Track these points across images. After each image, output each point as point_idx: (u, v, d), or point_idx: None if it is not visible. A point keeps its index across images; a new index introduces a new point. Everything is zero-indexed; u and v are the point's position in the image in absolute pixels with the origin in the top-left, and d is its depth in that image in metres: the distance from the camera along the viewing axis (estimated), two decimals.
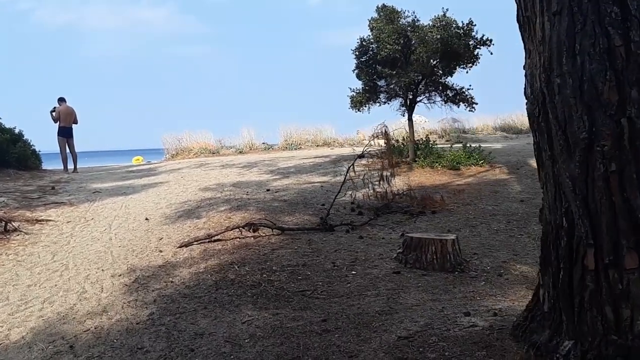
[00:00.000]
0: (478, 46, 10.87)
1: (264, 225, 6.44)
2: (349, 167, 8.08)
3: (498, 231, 6.38)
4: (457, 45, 10.58)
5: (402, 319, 3.60)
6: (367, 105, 11.61)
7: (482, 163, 11.04)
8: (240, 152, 19.14)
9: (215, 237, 6.21)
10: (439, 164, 11.12)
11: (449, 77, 11.75)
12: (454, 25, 11.10)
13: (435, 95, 11.72)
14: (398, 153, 12.19)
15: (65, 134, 13.36)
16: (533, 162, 11.74)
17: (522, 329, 2.81)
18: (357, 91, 11.69)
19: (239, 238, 6.30)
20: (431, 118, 31.19)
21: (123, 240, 6.62)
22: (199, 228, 6.90)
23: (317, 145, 20.32)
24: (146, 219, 7.65)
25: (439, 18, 11.20)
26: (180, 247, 6.04)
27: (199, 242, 6.12)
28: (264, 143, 21.13)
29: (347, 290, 4.39)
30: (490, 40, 10.79)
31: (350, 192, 9.17)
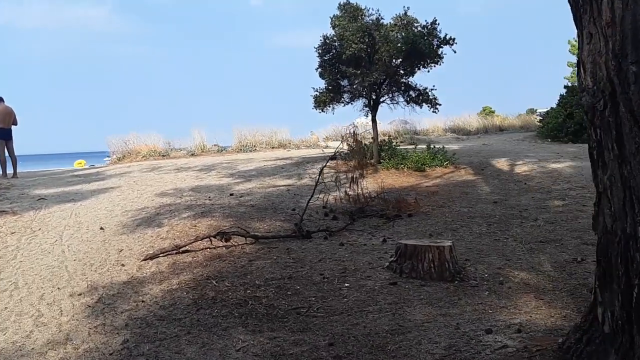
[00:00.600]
0: (441, 45, 10.70)
1: (237, 234, 5.92)
2: (320, 171, 7.66)
3: (481, 235, 6.12)
4: (421, 45, 10.36)
5: (419, 339, 3.21)
6: (331, 105, 11.22)
7: (447, 164, 10.88)
8: (192, 154, 18.36)
9: (184, 248, 5.63)
10: (404, 166, 10.88)
11: (411, 78, 11.55)
12: (415, 24, 10.92)
13: (398, 95, 11.47)
14: (362, 155, 11.87)
15: (4, 136, 12.25)
16: (496, 163, 11.76)
17: (576, 352, 2.46)
18: (321, 91, 11.29)
19: (210, 248, 5.76)
20: (382, 120, 31.32)
21: (78, 252, 5.93)
22: (163, 238, 6.30)
23: (272, 147, 19.79)
24: (101, 228, 6.96)
25: (400, 17, 10.99)
26: (144, 259, 5.44)
27: (165, 254, 5.54)
28: (215, 145, 20.41)
29: (345, 306, 3.96)
30: (454, 39, 10.66)
31: (320, 196, 8.77)
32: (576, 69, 2.36)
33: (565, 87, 22.07)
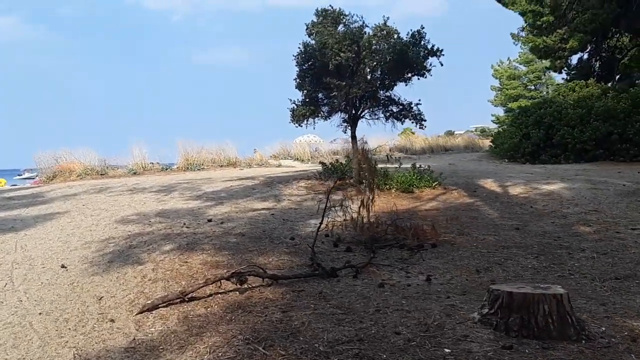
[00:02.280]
0: (428, 56, 10.02)
1: (253, 274, 4.74)
2: (327, 195, 6.62)
3: (538, 270, 5.30)
4: (410, 55, 9.64)
5: None
6: (310, 119, 10.22)
7: (435, 185, 10.15)
8: (134, 173, 16.68)
9: (190, 294, 4.39)
10: (389, 187, 10.04)
11: (389, 91, 10.79)
12: (394, 35, 10.21)
13: (379, 110, 10.67)
14: (341, 173, 10.95)
15: None
16: (484, 184, 11.19)
17: None
18: (299, 103, 10.27)
19: (220, 293, 4.56)
20: (324, 138, 30.69)
21: (41, 302, 4.54)
22: (151, 280, 5.00)
23: (221, 166, 18.46)
24: (62, 266, 5.54)
25: (380, 27, 10.24)
26: (141, 312, 4.16)
27: (167, 303, 4.28)
28: (157, 163, 18.78)
29: None
30: (441, 51, 10.01)
31: (314, 222, 7.72)
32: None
33: (504, 109, 22.43)
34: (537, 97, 51.98)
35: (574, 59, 28.32)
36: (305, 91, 10.19)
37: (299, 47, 9.99)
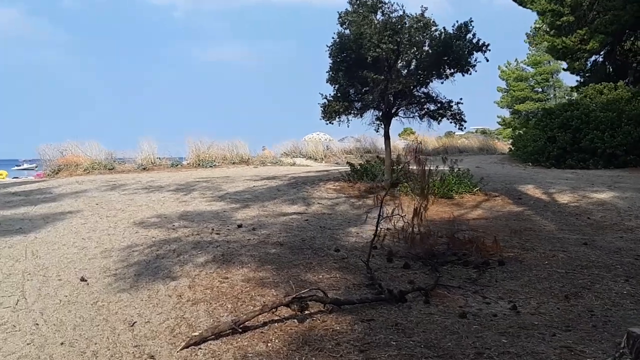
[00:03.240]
0: (473, 51, 9.24)
1: (314, 299, 3.98)
2: (382, 201, 5.86)
3: (634, 296, 4.55)
4: (455, 48, 8.88)
5: None
6: (343, 115, 9.44)
7: (476, 191, 9.39)
8: (144, 168, 15.90)
9: (243, 324, 3.62)
10: (428, 192, 9.26)
11: (427, 88, 10.02)
12: (433, 27, 9.41)
13: (414, 108, 9.90)
14: (371, 176, 10.19)
15: None
16: (525, 190, 10.43)
17: None
18: (330, 99, 9.49)
19: (276, 322, 3.80)
20: (333, 137, 29.92)
21: (62, 327, 3.77)
22: (190, 300, 4.25)
23: (233, 163, 17.68)
24: (82, 279, 4.78)
25: (416, 18, 9.43)
26: (187, 347, 3.40)
27: (217, 335, 3.51)
28: (167, 158, 17.99)
29: None
30: (487, 46, 9.23)
31: (354, 230, 6.99)
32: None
33: (500, 111, 21.61)
34: (544, 100, 51.36)
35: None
36: (337, 85, 9.41)
37: (332, 38, 9.22)
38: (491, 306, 4.34)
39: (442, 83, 9.85)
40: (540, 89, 54.74)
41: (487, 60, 9.38)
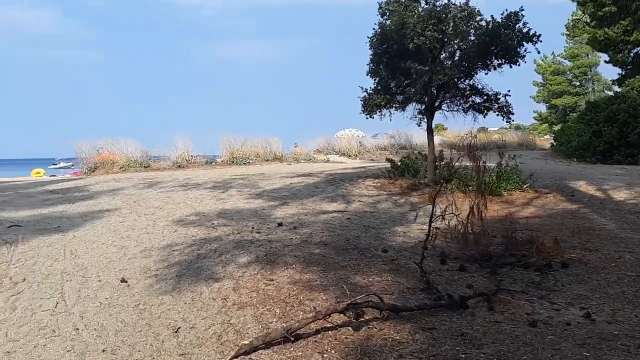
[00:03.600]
0: (523, 42, 8.77)
1: (371, 306, 3.68)
2: (433, 200, 5.52)
3: None
4: (504, 38, 8.44)
5: None
6: (385, 108, 9.10)
7: (526, 188, 8.93)
8: (179, 166, 15.85)
9: (295, 331, 3.35)
10: (473, 188, 8.86)
11: (472, 79, 9.58)
12: (478, 17, 8.96)
13: (459, 100, 9.48)
14: (413, 173, 9.83)
15: None
16: (577, 186, 9.86)
17: None
18: (370, 92, 9.16)
19: (329, 329, 3.52)
20: (366, 132, 29.52)
21: (103, 332, 3.57)
22: (236, 304, 4.00)
23: (267, 160, 17.50)
24: (122, 280, 4.59)
25: (461, 6, 8.99)
26: (236, 356, 3.14)
27: (268, 343, 3.25)
28: (201, 156, 17.93)
29: None
30: (538, 36, 8.74)
31: (400, 229, 6.67)
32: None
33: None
34: (582, 94, 49.73)
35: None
36: (378, 78, 9.07)
37: (373, 28, 8.88)
38: (562, 313, 3.97)
39: (486, 74, 9.43)
40: (578, 83, 53.05)
41: (539, 52, 8.94)
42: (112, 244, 5.81)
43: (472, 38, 8.77)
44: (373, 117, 9.14)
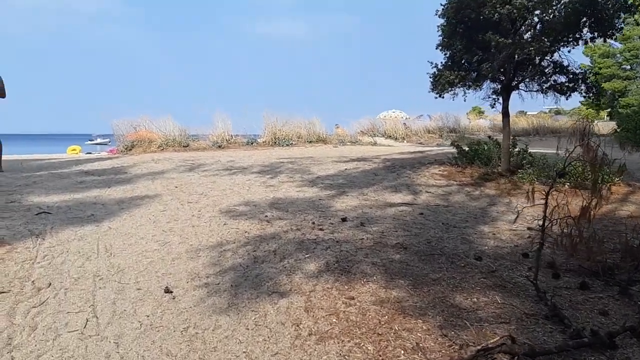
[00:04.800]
0: (619, 12, 7.52)
1: (504, 351, 2.70)
2: (546, 198, 4.46)
3: None
4: (600, 8, 7.21)
5: None
6: (458, 87, 8.00)
7: (618, 181, 7.75)
8: (219, 146, 15.06)
9: None
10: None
11: (548, 56, 8.37)
12: None
13: (541, 79, 8.30)
14: (485, 159, 8.73)
15: None
16: None
17: None
18: (440, 68, 8.06)
19: None
20: (409, 113, 28.21)
21: None
22: (313, 334, 3.08)
23: (310, 142, 16.57)
24: (167, 290, 3.72)
25: None
26: None
27: None
28: (241, 135, 17.11)
29: None
30: (637, 6, 7.47)
31: (486, 229, 5.65)
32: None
33: None
34: (632, 78, 47.04)
35: None
36: (450, 52, 7.96)
37: None
38: None
39: (569, 51, 8.21)
40: (628, 67, 50.26)
41: (638, 24, 7.65)
42: (153, 239, 4.97)
43: (560, 6, 7.56)
44: (443, 97, 8.05)
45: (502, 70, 7.95)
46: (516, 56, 7.38)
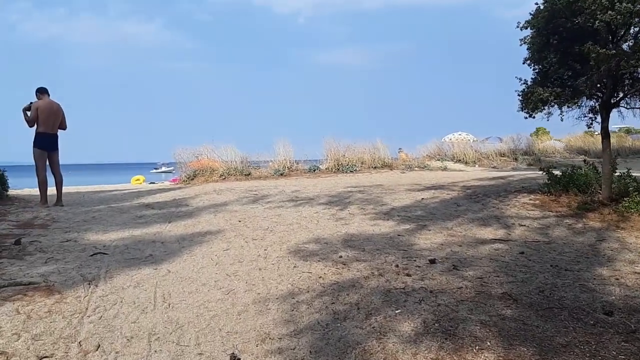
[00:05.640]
0: None
1: None
2: None
3: None
4: None
5: None
6: (552, 105, 7.08)
7: None
8: (281, 174, 14.58)
9: None
10: None
11: None
12: None
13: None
14: (583, 186, 7.70)
15: (47, 145, 8.63)
16: None
17: None
18: (530, 84, 7.18)
19: None
20: (478, 136, 26.93)
21: None
22: None
23: (375, 167, 15.83)
24: (233, 357, 3.05)
25: None
26: None
27: None
28: (302, 162, 16.59)
29: None
30: None
31: (605, 272, 4.71)
32: None
33: None
34: None
35: None
36: (540, 67, 7.08)
37: (536, 4, 6.91)
38: None
39: None
40: None
41: None
42: (216, 285, 4.35)
43: None
44: (534, 116, 7.14)
45: (599, 85, 6.99)
46: (627, 68, 6.40)
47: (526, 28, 7.13)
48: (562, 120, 7.01)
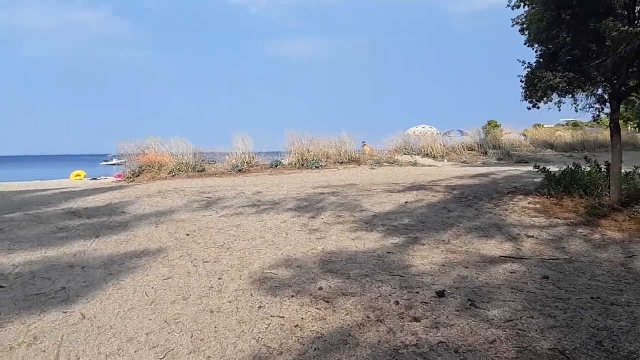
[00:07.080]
0: None
1: None
2: None
3: None
4: None
5: None
6: (562, 92, 6.02)
7: None
8: (239, 170, 13.20)
9: None
10: None
11: None
12: None
13: None
14: (586, 187, 6.72)
15: None
16: None
17: None
18: (534, 67, 6.11)
19: None
20: (440, 128, 26.14)
21: None
22: None
23: (341, 162, 14.65)
24: None
25: None
26: None
27: None
28: (265, 153, 15.27)
29: None
30: None
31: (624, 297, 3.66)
32: None
33: None
34: None
35: None
36: (546, 48, 6.00)
37: None
38: None
39: None
40: None
41: None
42: (147, 343, 3.05)
43: None
44: (538, 107, 6.07)
45: (614, 70, 5.98)
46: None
47: (518, 7, 6.05)
48: (576, 110, 5.97)
